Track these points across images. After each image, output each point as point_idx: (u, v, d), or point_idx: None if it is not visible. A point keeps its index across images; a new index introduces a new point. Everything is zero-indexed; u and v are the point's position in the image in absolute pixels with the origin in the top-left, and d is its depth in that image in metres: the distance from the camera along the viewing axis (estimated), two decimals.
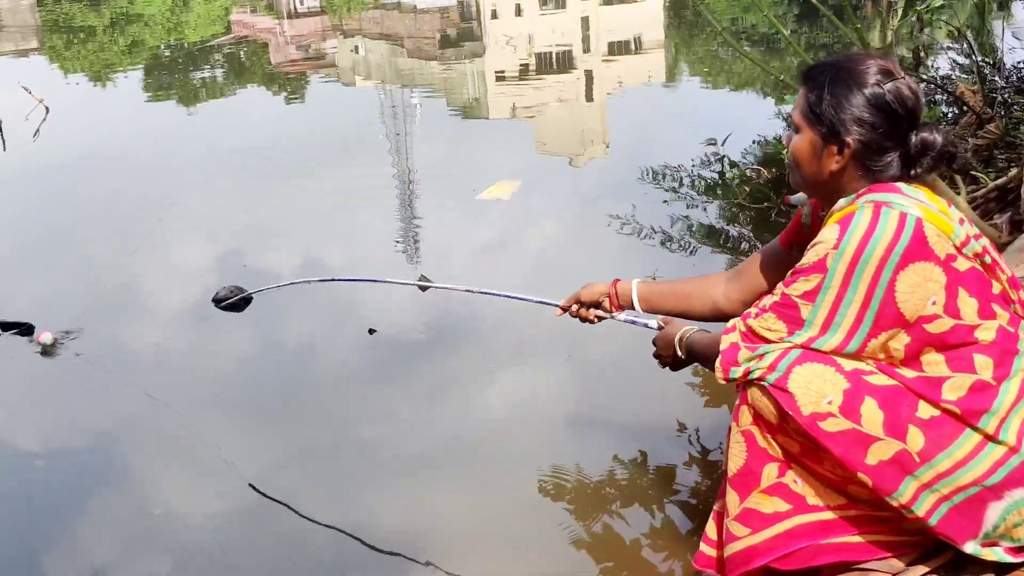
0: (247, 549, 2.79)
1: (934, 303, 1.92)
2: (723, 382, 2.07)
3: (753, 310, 2.06)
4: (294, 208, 5.80)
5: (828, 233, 1.95)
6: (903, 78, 2.01)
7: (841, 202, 2.04)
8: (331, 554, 2.75)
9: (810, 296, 1.95)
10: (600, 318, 2.61)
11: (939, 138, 1.99)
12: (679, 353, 2.34)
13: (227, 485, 3.07)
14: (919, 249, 1.90)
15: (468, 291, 2.96)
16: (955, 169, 2.90)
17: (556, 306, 2.67)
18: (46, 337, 3.93)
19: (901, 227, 1.90)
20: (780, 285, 2.03)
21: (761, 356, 1.99)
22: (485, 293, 2.92)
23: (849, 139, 1.99)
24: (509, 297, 2.81)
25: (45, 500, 3.07)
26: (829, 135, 2.02)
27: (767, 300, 2.04)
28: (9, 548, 2.85)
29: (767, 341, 2.00)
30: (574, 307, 2.63)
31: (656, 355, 2.46)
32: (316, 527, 2.85)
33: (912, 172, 2.01)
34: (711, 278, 2.49)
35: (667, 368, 2.45)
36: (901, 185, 1.99)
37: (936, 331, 1.94)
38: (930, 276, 1.91)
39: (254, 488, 3.02)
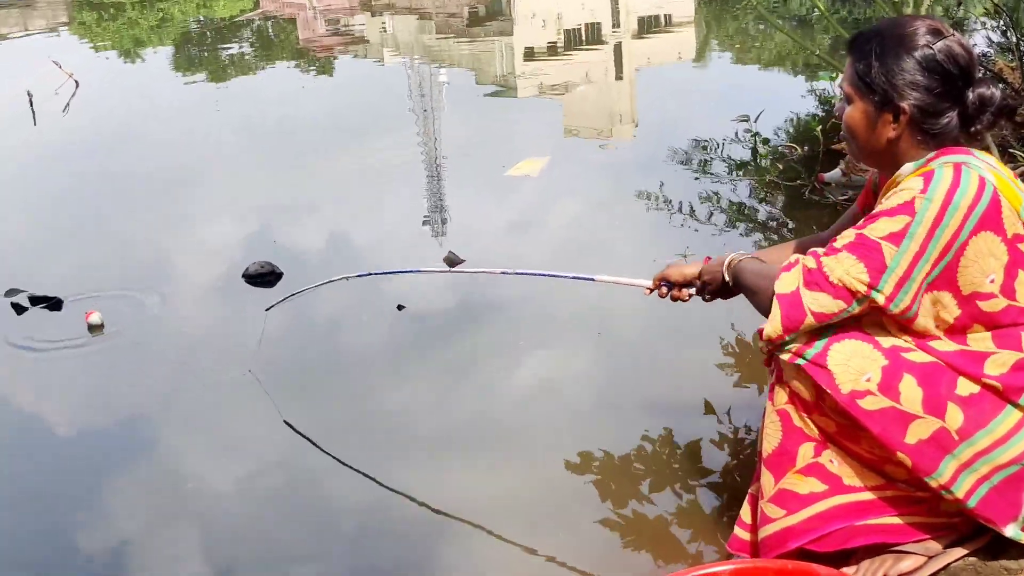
0: (275, 522, 2.79)
1: (992, 281, 1.88)
2: (764, 341, 1.96)
3: (820, 249, 1.95)
4: (322, 184, 5.79)
5: (912, 183, 1.87)
6: (952, 35, 1.94)
7: (909, 166, 1.96)
8: (357, 528, 2.76)
9: (896, 239, 1.85)
10: (691, 296, 2.50)
11: (997, 92, 1.93)
12: (726, 278, 2.22)
13: (256, 460, 3.08)
14: (993, 217, 1.85)
15: (522, 274, 2.86)
16: (1019, 124, 2.78)
17: (643, 287, 2.55)
18: (95, 318, 3.94)
19: (981, 189, 1.84)
20: (850, 231, 1.92)
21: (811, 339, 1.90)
22: (557, 276, 2.85)
23: (904, 105, 1.93)
24: (579, 279, 2.72)
25: (77, 474, 3.09)
26: (883, 103, 1.96)
27: (840, 241, 1.91)
28: (41, 521, 2.86)
29: (846, 289, 1.87)
30: (664, 288, 2.50)
31: (700, 286, 2.35)
32: (342, 501, 2.85)
33: (972, 129, 1.95)
34: (803, 242, 2.39)
35: (709, 299, 2.35)
36: (971, 150, 1.94)
37: (989, 310, 1.90)
38: (993, 251, 1.86)
39: (290, 424, 3.04)
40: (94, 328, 3.93)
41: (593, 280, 2.68)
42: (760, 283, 2.05)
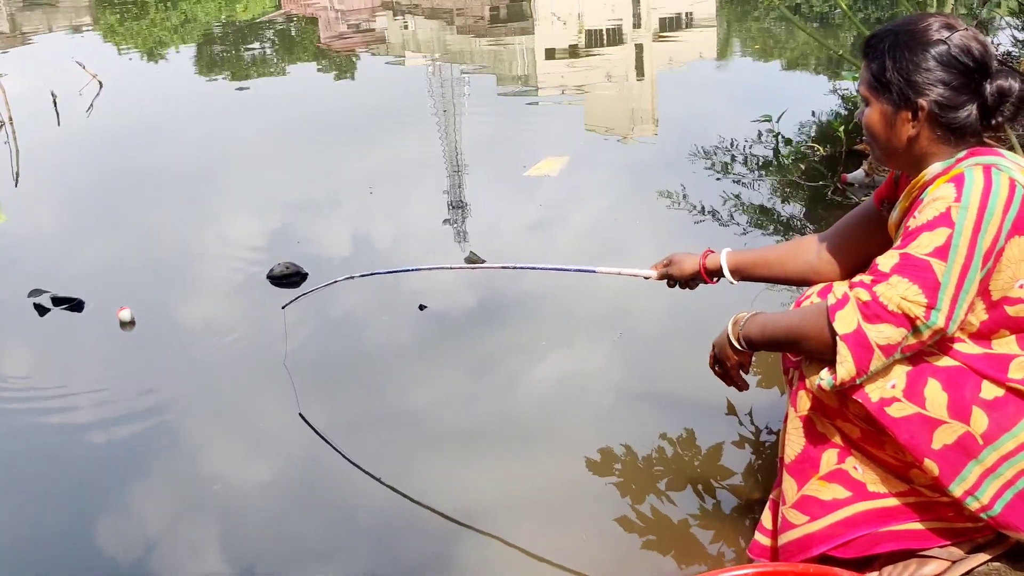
0: (298, 519, 2.80)
1: (1021, 287, 1.86)
2: (838, 385, 1.87)
3: (866, 277, 1.85)
4: (344, 184, 5.81)
5: (944, 191, 1.83)
6: (966, 29, 1.91)
7: (937, 166, 1.93)
8: (379, 526, 2.77)
9: (942, 253, 1.78)
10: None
11: (1016, 84, 1.89)
12: (738, 346, 2.15)
13: (279, 458, 3.10)
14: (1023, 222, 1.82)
15: (534, 269, 2.88)
16: None
17: (644, 276, 2.60)
18: (125, 314, 3.97)
19: (1013, 192, 1.81)
20: (892, 252, 1.86)
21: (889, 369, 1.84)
22: (559, 270, 2.90)
23: (922, 101, 1.90)
24: (581, 271, 2.76)
25: (101, 471, 3.11)
26: (900, 101, 1.93)
27: (885, 264, 1.84)
28: (64, 518, 2.88)
29: (905, 317, 1.79)
30: (667, 282, 2.57)
31: (715, 364, 2.28)
32: (365, 498, 2.86)
33: (993, 122, 1.91)
34: (803, 241, 2.37)
35: (729, 381, 2.27)
36: (1001, 150, 1.91)
37: (1016, 315, 1.88)
38: None
39: (304, 417, 3.05)
40: (125, 324, 3.96)
41: (595, 272, 2.70)
42: (799, 329, 1.95)
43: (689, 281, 2.54)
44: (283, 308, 3.44)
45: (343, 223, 5.15)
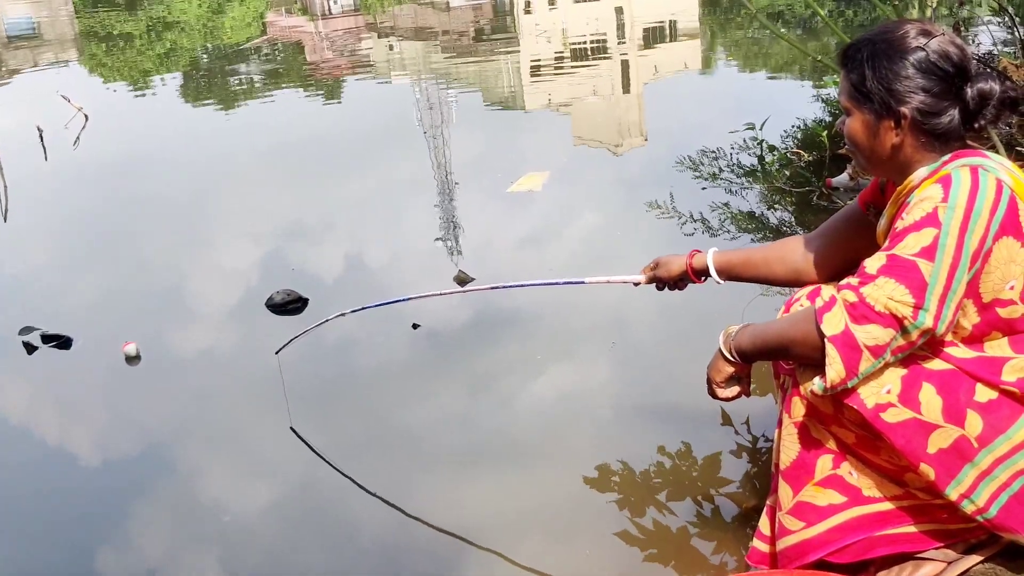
0: (298, 542, 2.80)
1: (1011, 288, 1.86)
2: (829, 388, 1.85)
3: (853, 279, 1.85)
4: (334, 206, 5.82)
5: (931, 191, 1.83)
6: (943, 34, 1.92)
7: (923, 171, 1.92)
8: (380, 547, 2.77)
9: (929, 253, 1.78)
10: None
11: (996, 86, 1.90)
12: (731, 358, 2.15)
13: (275, 483, 3.10)
14: (1011, 223, 1.82)
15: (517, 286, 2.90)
16: None
17: (632, 281, 2.63)
18: (130, 348, 3.97)
19: (1000, 192, 1.81)
20: (879, 253, 1.85)
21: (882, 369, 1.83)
22: (547, 285, 2.92)
23: (904, 109, 1.90)
24: (570, 283, 2.78)
25: (102, 503, 3.11)
26: (882, 110, 1.93)
27: (872, 266, 1.83)
28: (65, 551, 2.88)
29: (893, 317, 1.78)
30: (656, 285, 2.60)
31: (707, 384, 2.27)
32: (364, 520, 2.87)
33: (976, 125, 1.92)
34: (788, 242, 2.38)
35: (724, 396, 2.25)
36: (985, 151, 1.91)
37: (1008, 316, 1.89)
38: (1014, 257, 1.84)
39: (296, 431, 3.05)
40: (130, 359, 3.96)
41: (584, 283, 2.71)
42: (788, 335, 1.95)
43: (677, 282, 2.56)
44: (276, 353, 3.43)
45: (337, 246, 5.15)
